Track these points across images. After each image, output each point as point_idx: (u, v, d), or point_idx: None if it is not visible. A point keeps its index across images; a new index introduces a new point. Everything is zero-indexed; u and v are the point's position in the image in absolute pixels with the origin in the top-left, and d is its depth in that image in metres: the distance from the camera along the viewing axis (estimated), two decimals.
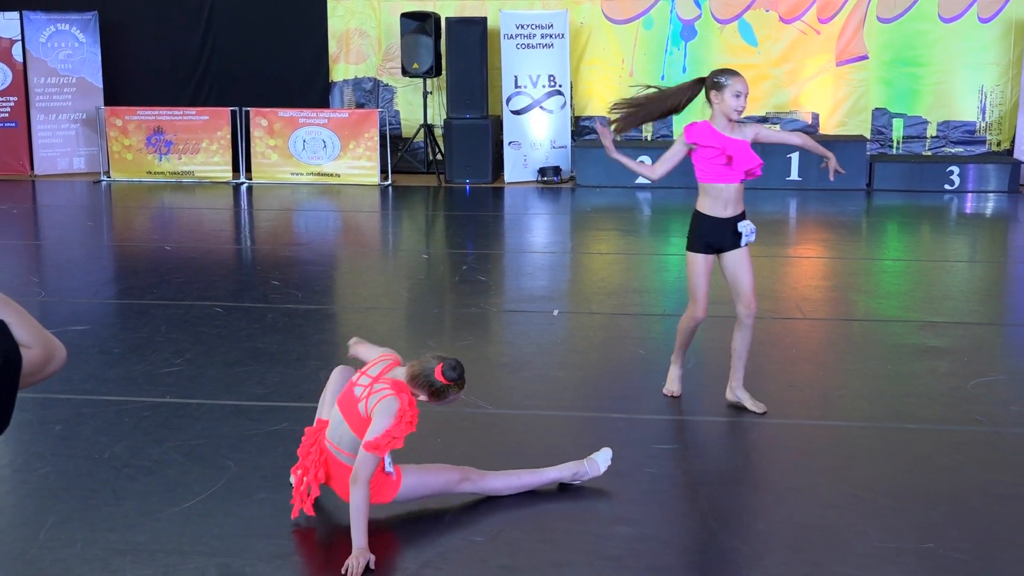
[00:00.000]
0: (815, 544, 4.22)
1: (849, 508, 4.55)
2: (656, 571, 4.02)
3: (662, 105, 5.50)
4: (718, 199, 5.43)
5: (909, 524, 4.38)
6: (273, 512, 4.48)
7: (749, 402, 5.59)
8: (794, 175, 12.80)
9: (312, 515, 4.36)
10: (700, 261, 5.50)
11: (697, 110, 5.77)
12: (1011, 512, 4.49)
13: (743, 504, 4.63)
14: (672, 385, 5.83)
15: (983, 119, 13.33)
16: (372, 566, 4.00)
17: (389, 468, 4.32)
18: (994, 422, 5.46)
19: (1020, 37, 12.99)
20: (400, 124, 14.21)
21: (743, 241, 5.47)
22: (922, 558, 4.11)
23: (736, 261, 5.49)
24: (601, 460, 4.76)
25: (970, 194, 12.55)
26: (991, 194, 12.51)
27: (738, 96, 5.30)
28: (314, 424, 4.58)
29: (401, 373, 4.30)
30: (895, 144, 13.49)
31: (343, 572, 3.97)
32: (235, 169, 13.61)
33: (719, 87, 5.33)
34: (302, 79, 14.24)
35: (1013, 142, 13.14)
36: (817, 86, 13.52)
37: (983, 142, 13.36)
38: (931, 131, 13.42)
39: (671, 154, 5.46)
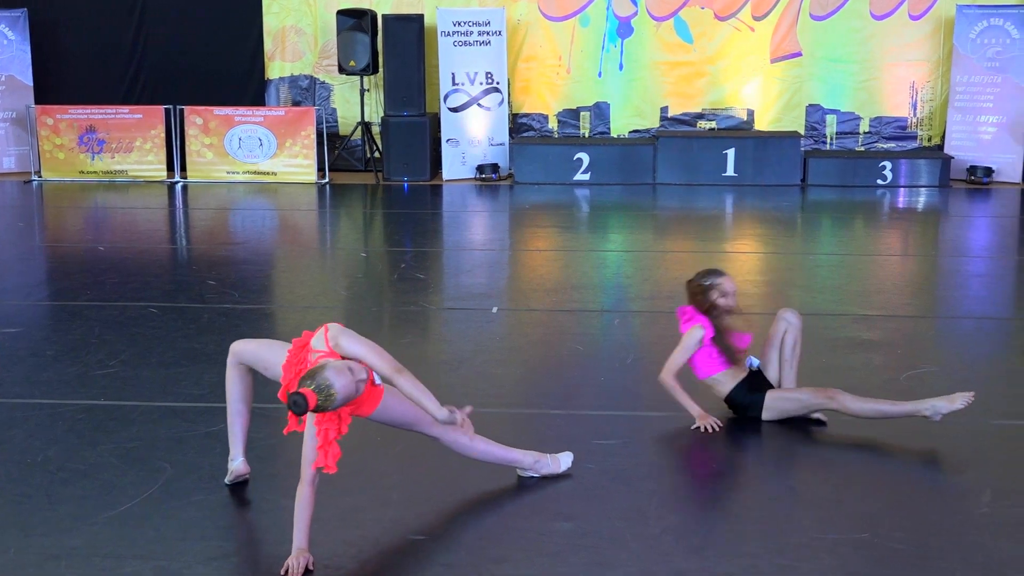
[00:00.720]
0: (754, 536, 4.26)
1: (786, 500, 4.61)
2: (596, 566, 4.04)
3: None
4: (734, 377, 5.45)
5: (844, 515, 4.44)
6: (211, 514, 4.44)
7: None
8: (730, 171, 12.91)
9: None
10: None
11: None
12: (943, 501, 4.57)
13: (682, 498, 4.66)
14: None
15: (914, 115, 13.54)
16: (311, 567, 3.98)
17: (378, 380, 4.29)
18: None
19: (949, 34, 13.20)
20: (337, 122, 14.13)
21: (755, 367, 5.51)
22: (857, 548, 4.16)
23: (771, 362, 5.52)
24: (564, 460, 4.81)
25: (902, 189, 12.74)
26: (922, 189, 12.71)
27: (726, 296, 5.37)
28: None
29: None
30: (829, 140, 13.65)
31: (282, 573, 3.94)
32: (170, 168, 13.46)
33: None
34: (237, 77, 14.10)
35: (943, 137, 13.36)
36: (752, 83, 13.65)
37: (914, 138, 13.57)
38: (864, 127, 13.61)
39: (685, 350, 5.39)
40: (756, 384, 5.46)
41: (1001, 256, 9.66)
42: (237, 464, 4.70)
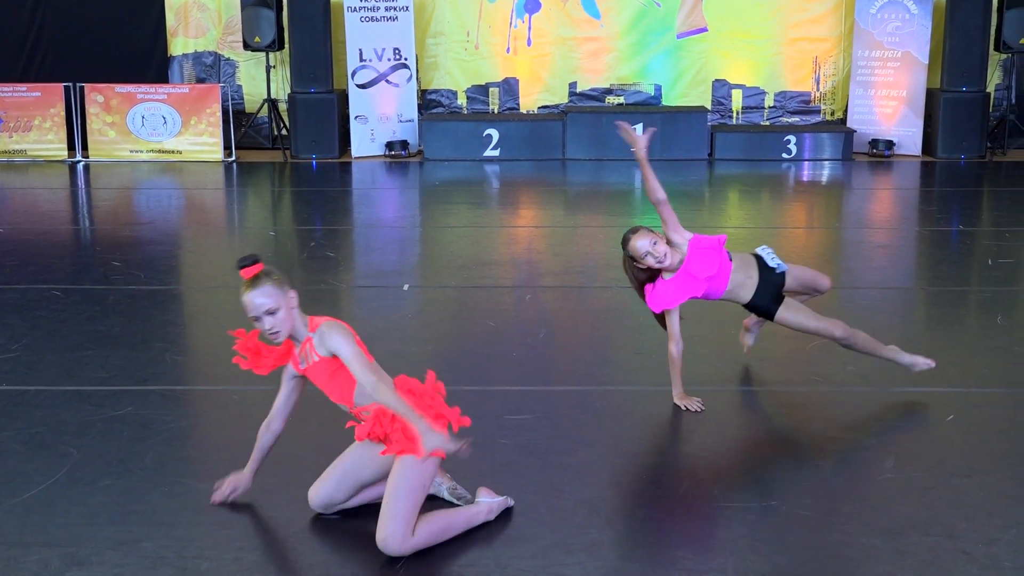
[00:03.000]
0: (664, 506, 4.32)
1: (696, 470, 4.67)
2: (511, 540, 4.06)
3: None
4: (748, 286, 5.52)
5: (752, 483, 4.52)
6: (119, 499, 4.37)
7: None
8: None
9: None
10: None
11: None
12: (848, 467, 4.68)
13: (594, 471, 4.70)
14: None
15: (817, 89, 13.76)
16: (240, 496, 3.96)
17: None
18: (832, 382, 5.67)
19: (850, 10, 13.42)
20: (243, 99, 13.92)
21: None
22: (767, 515, 4.24)
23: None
24: None
25: (806, 162, 12.95)
26: (826, 162, 12.94)
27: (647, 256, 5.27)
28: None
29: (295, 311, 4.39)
30: (735, 114, 13.82)
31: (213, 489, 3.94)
32: (71, 147, 13.15)
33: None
34: (139, 53, 13.80)
35: (846, 111, 13.60)
36: (659, 58, 13.74)
37: (818, 112, 13.80)
38: (768, 101, 13.79)
39: (674, 319, 5.42)
40: (774, 292, 5.51)
41: (903, 228, 9.88)
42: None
